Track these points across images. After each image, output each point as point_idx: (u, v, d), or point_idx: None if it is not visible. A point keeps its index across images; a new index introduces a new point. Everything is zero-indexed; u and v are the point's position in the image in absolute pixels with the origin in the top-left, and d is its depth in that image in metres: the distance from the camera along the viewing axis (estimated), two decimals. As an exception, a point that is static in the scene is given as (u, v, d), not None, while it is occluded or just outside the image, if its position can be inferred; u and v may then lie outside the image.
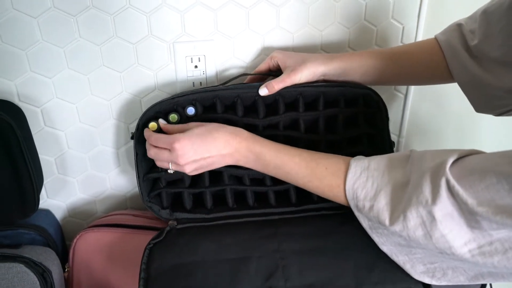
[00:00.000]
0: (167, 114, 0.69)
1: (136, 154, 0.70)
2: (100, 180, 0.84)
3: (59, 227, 0.85)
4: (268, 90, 0.68)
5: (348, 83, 0.70)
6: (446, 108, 0.91)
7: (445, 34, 0.66)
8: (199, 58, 0.77)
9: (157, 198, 0.73)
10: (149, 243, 0.66)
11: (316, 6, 0.78)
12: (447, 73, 0.66)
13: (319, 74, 0.69)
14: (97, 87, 0.76)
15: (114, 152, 0.83)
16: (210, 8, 0.74)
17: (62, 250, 0.83)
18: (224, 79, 0.80)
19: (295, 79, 0.68)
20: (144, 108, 0.79)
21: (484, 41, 0.59)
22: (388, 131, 0.72)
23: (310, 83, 0.69)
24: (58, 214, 0.86)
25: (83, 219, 0.87)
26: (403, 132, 0.92)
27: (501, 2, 0.56)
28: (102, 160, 0.83)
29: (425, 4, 0.80)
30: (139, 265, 0.64)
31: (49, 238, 0.78)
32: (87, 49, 0.73)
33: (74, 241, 0.77)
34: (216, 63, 0.79)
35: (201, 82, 0.80)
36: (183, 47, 0.76)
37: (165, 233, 0.68)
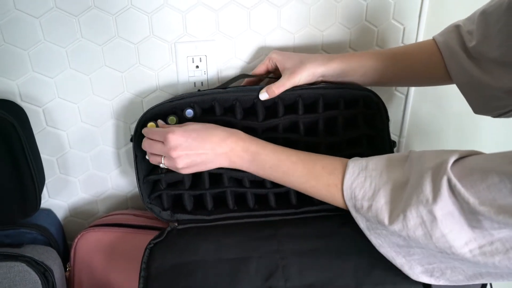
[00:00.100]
0: (165, 117, 0.69)
1: (136, 156, 0.70)
2: (102, 180, 0.85)
3: (60, 226, 0.86)
4: (269, 94, 0.68)
5: (347, 85, 0.70)
6: (447, 108, 0.91)
7: (443, 35, 0.66)
8: (200, 58, 0.78)
9: (157, 199, 0.73)
10: (149, 243, 0.66)
11: (317, 7, 0.78)
12: (445, 74, 0.66)
13: (318, 75, 0.68)
14: (99, 87, 0.76)
15: (116, 152, 0.83)
16: (211, 9, 0.74)
17: (64, 249, 0.84)
18: (225, 79, 0.80)
19: (295, 81, 0.67)
20: (145, 108, 0.79)
21: (483, 42, 0.58)
22: (389, 132, 0.72)
23: (309, 85, 0.69)
24: (60, 213, 0.86)
25: (85, 218, 0.88)
26: (404, 133, 0.92)
27: (500, 3, 0.56)
28: (104, 160, 0.83)
29: (426, 4, 0.80)
30: (140, 265, 0.64)
31: (50, 237, 0.78)
32: (89, 49, 0.73)
33: (76, 240, 0.78)
34: (218, 63, 0.79)
35: (202, 82, 0.80)
36: (185, 47, 0.76)
37: (165, 233, 0.68)
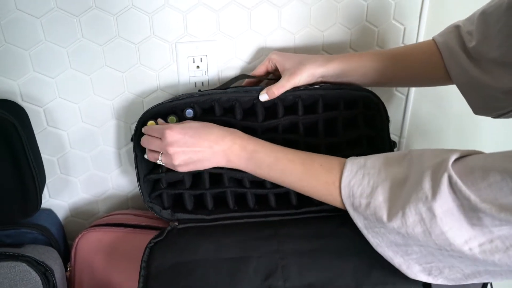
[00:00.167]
0: (165, 117, 0.69)
1: (136, 156, 0.70)
2: (102, 180, 0.85)
3: (61, 226, 0.86)
4: (269, 95, 0.68)
5: (347, 86, 0.70)
6: (447, 109, 0.91)
7: (443, 35, 0.66)
8: (201, 59, 0.78)
9: (158, 198, 0.73)
10: (150, 242, 0.67)
11: (318, 7, 0.78)
12: (445, 74, 0.66)
13: (318, 75, 0.68)
14: (100, 87, 0.77)
15: (116, 152, 0.83)
16: (212, 9, 0.74)
17: (64, 249, 0.84)
18: (226, 79, 0.80)
19: (295, 82, 0.68)
20: (146, 108, 0.79)
21: (483, 42, 0.58)
22: (388, 132, 0.72)
23: (309, 86, 0.69)
24: (60, 213, 0.86)
25: (85, 218, 0.88)
26: (404, 133, 0.92)
27: (500, 3, 0.56)
28: (104, 160, 0.83)
29: (427, 5, 0.80)
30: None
31: (51, 237, 0.78)
32: (89, 49, 0.73)
33: (76, 240, 0.78)
34: (218, 63, 0.79)
35: (203, 83, 0.80)
36: (185, 48, 0.76)
37: (166, 232, 0.68)
